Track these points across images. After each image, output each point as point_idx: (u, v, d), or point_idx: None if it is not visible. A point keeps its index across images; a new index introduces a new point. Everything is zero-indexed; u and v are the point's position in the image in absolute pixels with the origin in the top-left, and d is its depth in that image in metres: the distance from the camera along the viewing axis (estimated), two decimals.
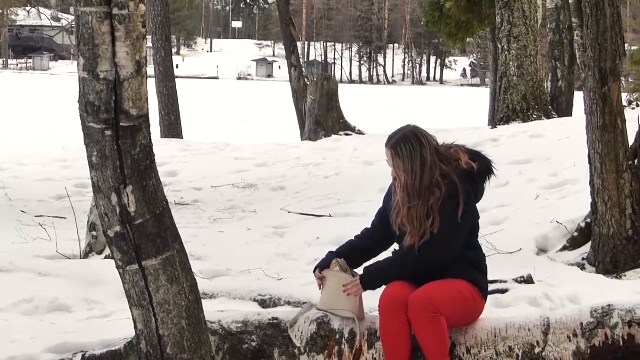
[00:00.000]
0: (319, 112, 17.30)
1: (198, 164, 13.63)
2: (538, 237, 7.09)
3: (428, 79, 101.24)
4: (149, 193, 3.34)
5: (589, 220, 6.65)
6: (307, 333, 3.91)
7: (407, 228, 3.87)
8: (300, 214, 9.29)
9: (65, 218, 8.86)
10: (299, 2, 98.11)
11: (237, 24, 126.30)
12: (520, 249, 6.87)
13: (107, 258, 6.66)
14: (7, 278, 5.93)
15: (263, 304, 5.40)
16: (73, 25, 3.79)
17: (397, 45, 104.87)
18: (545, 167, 9.92)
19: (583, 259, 6.51)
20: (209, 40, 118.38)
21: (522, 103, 15.50)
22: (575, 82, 17.40)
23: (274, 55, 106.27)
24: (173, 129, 17.91)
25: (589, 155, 6.37)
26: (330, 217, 9.10)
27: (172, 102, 18.05)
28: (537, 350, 3.84)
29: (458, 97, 57.89)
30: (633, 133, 6.41)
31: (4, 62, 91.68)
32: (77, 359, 4.04)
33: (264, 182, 11.79)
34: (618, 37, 6.20)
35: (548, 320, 3.90)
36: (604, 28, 6.15)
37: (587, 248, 6.59)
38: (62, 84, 52.93)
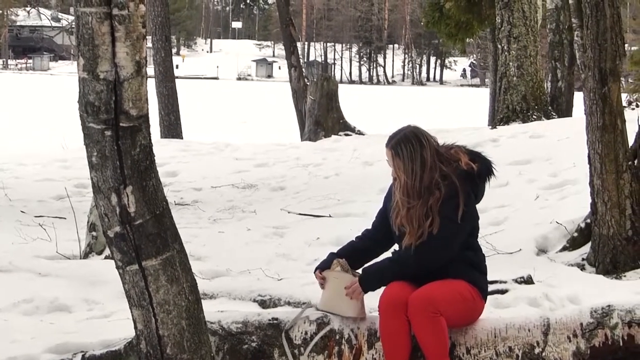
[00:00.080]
0: (319, 112, 17.31)
1: (198, 164, 13.63)
2: (538, 237, 7.09)
3: (428, 80, 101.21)
4: (149, 193, 3.34)
5: (589, 221, 6.65)
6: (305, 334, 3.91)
7: (406, 228, 3.87)
8: (300, 214, 9.29)
9: (65, 218, 8.86)
10: (299, 2, 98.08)
11: (237, 24, 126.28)
12: (520, 250, 6.87)
13: (107, 258, 6.65)
14: (7, 278, 5.93)
15: (263, 304, 5.39)
16: (73, 26, 3.78)
17: (396, 46, 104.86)
18: (545, 167, 9.92)
19: (583, 260, 6.51)
20: (209, 41, 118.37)
21: (521, 103, 15.49)
22: (575, 82, 17.39)
23: (274, 56, 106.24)
24: (173, 129, 17.92)
25: (589, 156, 6.37)
26: (330, 217, 9.09)
27: (171, 102, 18.06)
28: (536, 351, 3.84)
29: (458, 97, 57.87)
30: (633, 133, 6.41)
31: (4, 62, 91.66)
32: (77, 359, 4.04)
33: (264, 182, 11.79)
34: (618, 37, 6.20)
35: (548, 321, 3.90)
36: (604, 28, 6.15)
37: (586, 248, 6.59)
38: (62, 84, 52.90)
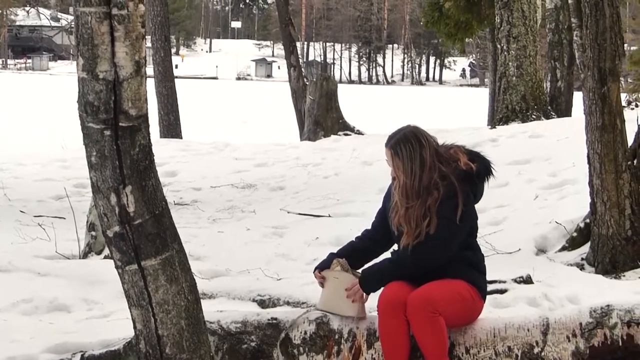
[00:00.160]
0: (318, 112, 17.31)
1: (197, 164, 13.63)
2: (537, 237, 7.09)
3: (427, 79, 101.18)
4: (148, 193, 3.34)
5: (588, 221, 6.65)
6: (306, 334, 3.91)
7: (403, 228, 3.87)
8: (300, 214, 9.29)
9: (65, 218, 8.87)
10: (298, 2, 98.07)
11: (236, 24, 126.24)
12: (519, 249, 6.87)
13: (106, 258, 6.65)
14: (6, 278, 5.93)
15: (262, 304, 5.39)
16: (72, 25, 3.79)
17: (396, 46, 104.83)
18: (545, 167, 9.92)
19: (582, 259, 6.51)
20: (208, 40, 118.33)
21: (521, 103, 15.48)
22: (575, 82, 17.37)
23: (273, 55, 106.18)
24: (172, 129, 17.92)
25: (588, 156, 6.36)
26: (330, 217, 9.09)
27: (171, 102, 18.06)
28: (536, 350, 3.84)
29: (457, 97, 57.88)
30: (632, 133, 6.41)
31: (3, 62, 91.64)
32: (76, 359, 4.04)
33: (263, 182, 11.78)
34: (617, 37, 6.19)
35: (547, 320, 3.90)
36: (603, 28, 6.14)
37: (586, 248, 6.59)
38: (61, 84, 52.87)
